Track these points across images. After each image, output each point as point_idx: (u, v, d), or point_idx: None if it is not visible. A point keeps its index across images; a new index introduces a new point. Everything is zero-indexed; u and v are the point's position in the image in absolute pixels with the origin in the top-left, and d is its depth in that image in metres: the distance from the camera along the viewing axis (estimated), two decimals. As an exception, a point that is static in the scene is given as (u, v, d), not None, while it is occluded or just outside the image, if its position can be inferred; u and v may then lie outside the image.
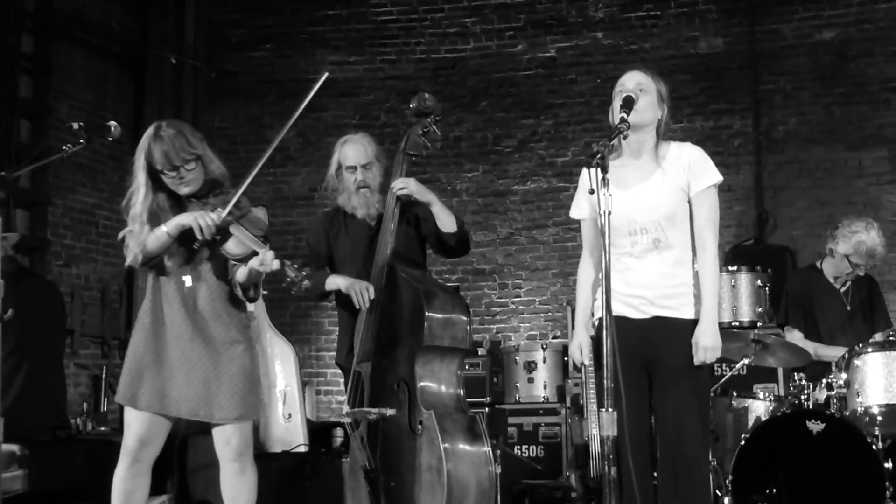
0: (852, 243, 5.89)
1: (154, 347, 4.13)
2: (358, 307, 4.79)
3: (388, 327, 4.75)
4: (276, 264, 3.98)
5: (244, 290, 4.20)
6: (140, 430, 4.12)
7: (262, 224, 4.19)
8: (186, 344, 4.12)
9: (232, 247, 4.05)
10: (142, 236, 4.08)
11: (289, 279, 4.02)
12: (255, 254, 4.02)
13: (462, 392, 4.78)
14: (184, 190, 4.14)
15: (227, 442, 4.17)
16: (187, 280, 4.16)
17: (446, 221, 4.88)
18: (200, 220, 3.99)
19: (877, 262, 6.08)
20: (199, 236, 4.00)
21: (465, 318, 4.82)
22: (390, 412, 4.63)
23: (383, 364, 4.73)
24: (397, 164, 4.92)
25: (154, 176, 4.12)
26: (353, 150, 4.99)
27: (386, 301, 4.76)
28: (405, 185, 4.80)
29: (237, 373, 4.14)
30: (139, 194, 4.13)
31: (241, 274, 4.12)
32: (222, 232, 4.04)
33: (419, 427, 4.55)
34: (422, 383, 4.63)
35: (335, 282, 4.91)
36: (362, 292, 4.74)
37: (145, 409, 4.10)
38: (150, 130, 4.13)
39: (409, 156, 4.91)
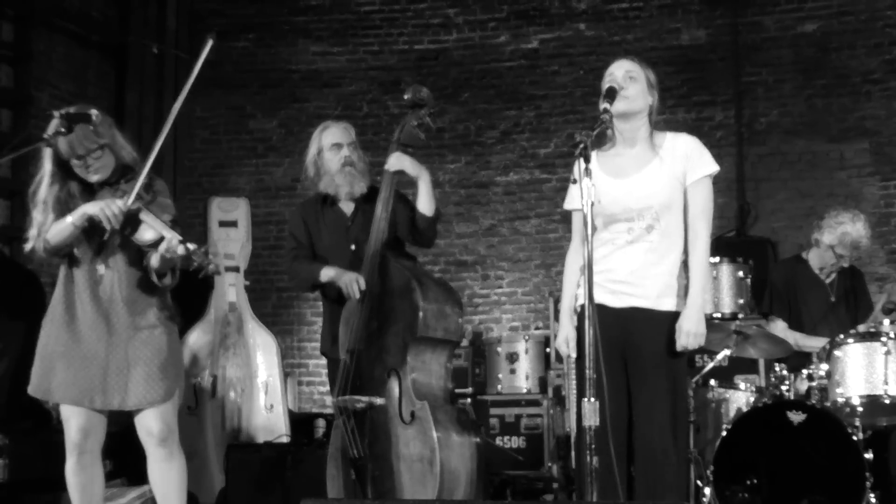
0: (837, 234, 5.90)
1: (65, 338, 4.10)
2: (348, 298, 4.77)
3: (380, 316, 4.73)
4: (181, 249, 3.91)
5: (159, 275, 4.13)
6: (80, 421, 4.11)
7: (170, 209, 4.17)
8: (98, 334, 4.09)
9: (142, 233, 4.01)
10: (45, 224, 4.05)
11: (195, 264, 3.95)
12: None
13: (451, 384, 4.78)
14: (93, 178, 4.13)
15: (149, 430, 4.15)
16: (100, 268, 4.14)
17: (426, 203, 4.86)
18: (106, 209, 3.95)
19: (861, 255, 6.10)
20: (105, 226, 3.96)
21: (458, 311, 4.83)
22: (380, 401, 4.62)
23: (372, 353, 4.71)
24: (391, 154, 4.87)
25: (65, 163, 4.09)
26: (337, 130, 5.03)
27: (378, 289, 4.74)
28: (400, 160, 4.79)
29: (151, 356, 4.12)
30: (44, 182, 4.11)
31: (154, 260, 4.08)
32: (131, 219, 3.99)
33: (410, 417, 4.54)
34: (413, 374, 4.62)
35: (327, 273, 4.89)
36: (352, 284, 4.72)
37: (59, 400, 4.08)
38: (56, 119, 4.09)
39: (404, 147, 4.86)
